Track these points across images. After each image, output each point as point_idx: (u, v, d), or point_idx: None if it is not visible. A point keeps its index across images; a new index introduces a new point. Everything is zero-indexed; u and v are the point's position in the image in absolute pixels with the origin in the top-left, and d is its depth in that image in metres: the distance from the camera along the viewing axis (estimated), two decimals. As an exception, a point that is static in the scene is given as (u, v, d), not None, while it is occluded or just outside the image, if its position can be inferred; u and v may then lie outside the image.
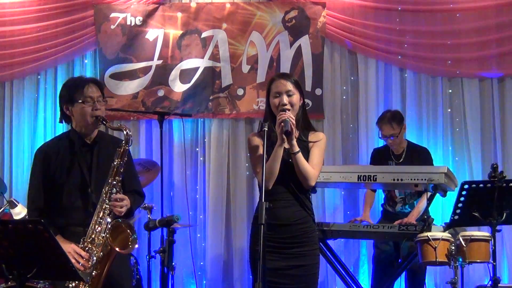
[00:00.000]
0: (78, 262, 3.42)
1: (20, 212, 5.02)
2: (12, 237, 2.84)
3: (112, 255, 3.48)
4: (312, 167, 3.61)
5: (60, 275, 3.11)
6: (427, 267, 5.01)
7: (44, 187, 3.63)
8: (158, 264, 4.26)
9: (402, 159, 5.29)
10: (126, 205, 3.57)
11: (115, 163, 3.56)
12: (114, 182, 3.55)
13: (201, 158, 6.31)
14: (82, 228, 3.54)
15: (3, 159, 6.28)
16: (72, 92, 3.63)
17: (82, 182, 3.62)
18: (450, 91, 6.33)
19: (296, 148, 3.53)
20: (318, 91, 6.22)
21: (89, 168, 3.65)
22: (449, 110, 6.31)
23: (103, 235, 3.49)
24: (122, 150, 3.58)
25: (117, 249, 3.46)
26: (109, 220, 3.51)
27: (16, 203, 5.05)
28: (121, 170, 3.57)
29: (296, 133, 3.71)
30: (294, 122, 3.54)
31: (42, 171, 3.64)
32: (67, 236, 3.53)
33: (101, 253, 3.47)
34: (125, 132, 3.61)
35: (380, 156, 5.40)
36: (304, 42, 6.23)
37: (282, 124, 3.50)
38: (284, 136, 3.51)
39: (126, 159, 3.60)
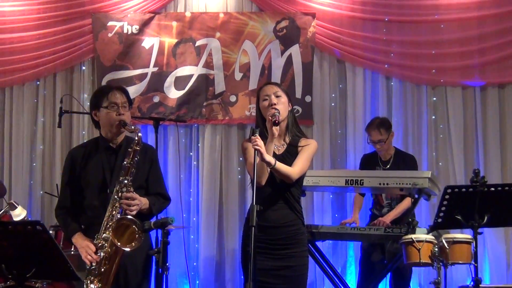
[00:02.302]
0: (90, 256, 3.46)
1: (20, 213, 5.01)
2: (12, 238, 2.84)
3: (119, 252, 3.50)
4: (293, 167, 3.61)
5: (58, 275, 3.12)
6: (412, 267, 5.04)
7: (71, 188, 3.70)
8: (153, 264, 4.26)
9: (389, 165, 5.32)
10: (137, 205, 3.57)
11: (125, 163, 3.59)
12: (126, 181, 3.56)
13: (194, 162, 6.32)
14: None
15: (3, 162, 6.27)
16: (98, 98, 3.71)
17: (103, 183, 3.66)
18: (434, 99, 6.36)
19: (272, 162, 3.50)
20: (308, 98, 6.24)
21: (111, 170, 3.68)
22: (433, 117, 6.34)
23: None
24: (132, 150, 3.61)
25: (119, 244, 3.47)
26: (118, 216, 3.54)
27: (16, 205, 5.04)
28: (132, 170, 3.59)
29: (287, 139, 3.75)
30: (281, 117, 3.59)
31: (69, 173, 3.72)
32: (91, 234, 3.57)
33: (109, 249, 3.50)
34: (136, 136, 3.65)
35: (369, 162, 5.43)
36: (295, 51, 6.26)
37: (270, 117, 3.54)
38: (274, 126, 3.52)
39: (136, 159, 3.60)
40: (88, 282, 3.44)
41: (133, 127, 3.67)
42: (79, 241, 3.55)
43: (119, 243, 3.46)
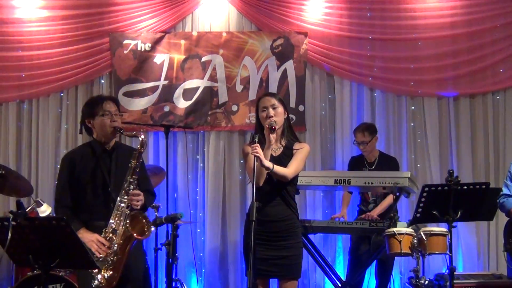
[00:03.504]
0: (100, 249, 3.45)
1: (45, 210, 4.98)
2: (38, 231, 2.84)
3: (131, 241, 3.49)
4: (288, 167, 3.63)
5: (79, 264, 3.11)
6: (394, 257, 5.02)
7: (70, 187, 3.64)
8: (164, 255, 4.26)
9: (374, 166, 5.32)
10: (141, 200, 3.60)
11: (132, 163, 3.58)
12: (131, 180, 3.57)
13: (201, 164, 6.30)
14: (103, 222, 3.55)
15: (30, 165, 6.24)
16: (93, 107, 3.69)
17: (103, 182, 3.64)
18: (413, 108, 6.36)
19: (270, 166, 3.53)
20: (301, 108, 6.24)
21: (109, 171, 3.67)
22: (412, 124, 6.34)
23: (123, 224, 3.51)
24: (137, 152, 3.61)
25: (135, 235, 3.47)
26: (127, 212, 3.52)
27: (42, 202, 5.01)
28: (137, 170, 3.59)
29: (283, 142, 3.75)
30: (277, 125, 3.63)
31: (68, 174, 3.66)
32: (91, 230, 3.55)
33: (121, 241, 3.48)
34: (140, 138, 3.64)
35: (356, 163, 5.43)
36: (289, 66, 6.25)
37: (267, 126, 3.58)
38: (271, 133, 3.56)
39: (141, 160, 3.62)
40: (96, 271, 3.42)
41: (134, 132, 3.68)
42: (86, 235, 3.48)
43: (135, 234, 3.46)
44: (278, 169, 3.57)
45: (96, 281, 3.40)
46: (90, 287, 3.41)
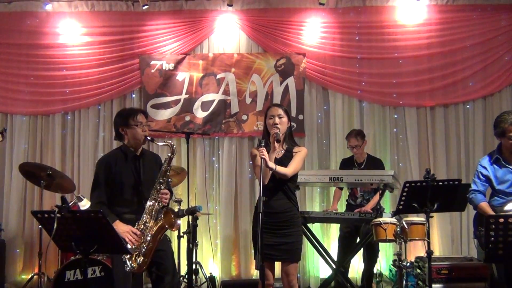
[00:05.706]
0: (133, 238, 3.45)
1: (85, 204, 5.01)
2: (79, 222, 2.84)
3: (163, 231, 3.51)
4: (288, 167, 3.62)
5: (114, 250, 3.12)
6: (379, 243, 4.99)
7: (106, 186, 3.64)
8: (185, 242, 4.24)
9: (363, 166, 5.30)
10: (169, 198, 3.63)
11: (163, 168, 3.59)
12: (162, 181, 3.58)
13: (216, 165, 6.30)
14: (134, 215, 3.56)
15: (73, 166, 6.26)
16: (127, 118, 3.69)
17: (136, 182, 3.64)
18: (396, 116, 6.33)
19: (274, 167, 3.53)
20: (300, 117, 6.22)
21: (138, 172, 3.67)
22: (395, 130, 6.31)
23: (156, 217, 3.53)
24: (169, 158, 3.62)
25: (167, 226, 3.49)
26: (158, 207, 3.55)
27: (83, 198, 5.04)
28: (168, 173, 3.59)
29: (285, 146, 3.73)
30: (281, 135, 3.63)
31: (105, 175, 3.66)
32: (123, 222, 3.55)
33: (154, 231, 3.49)
34: (171, 147, 3.65)
35: (347, 164, 5.43)
36: (290, 81, 6.24)
37: (274, 135, 3.58)
38: (276, 142, 3.57)
39: (171, 165, 3.62)
40: (127, 257, 3.42)
41: (165, 141, 3.70)
42: (121, 227, 3.47)
43: (166, 225, 3.49)
44: (280, 168, 3.56)
45: (128, 266, 3.41)
46: (123, 271, 3.41)
